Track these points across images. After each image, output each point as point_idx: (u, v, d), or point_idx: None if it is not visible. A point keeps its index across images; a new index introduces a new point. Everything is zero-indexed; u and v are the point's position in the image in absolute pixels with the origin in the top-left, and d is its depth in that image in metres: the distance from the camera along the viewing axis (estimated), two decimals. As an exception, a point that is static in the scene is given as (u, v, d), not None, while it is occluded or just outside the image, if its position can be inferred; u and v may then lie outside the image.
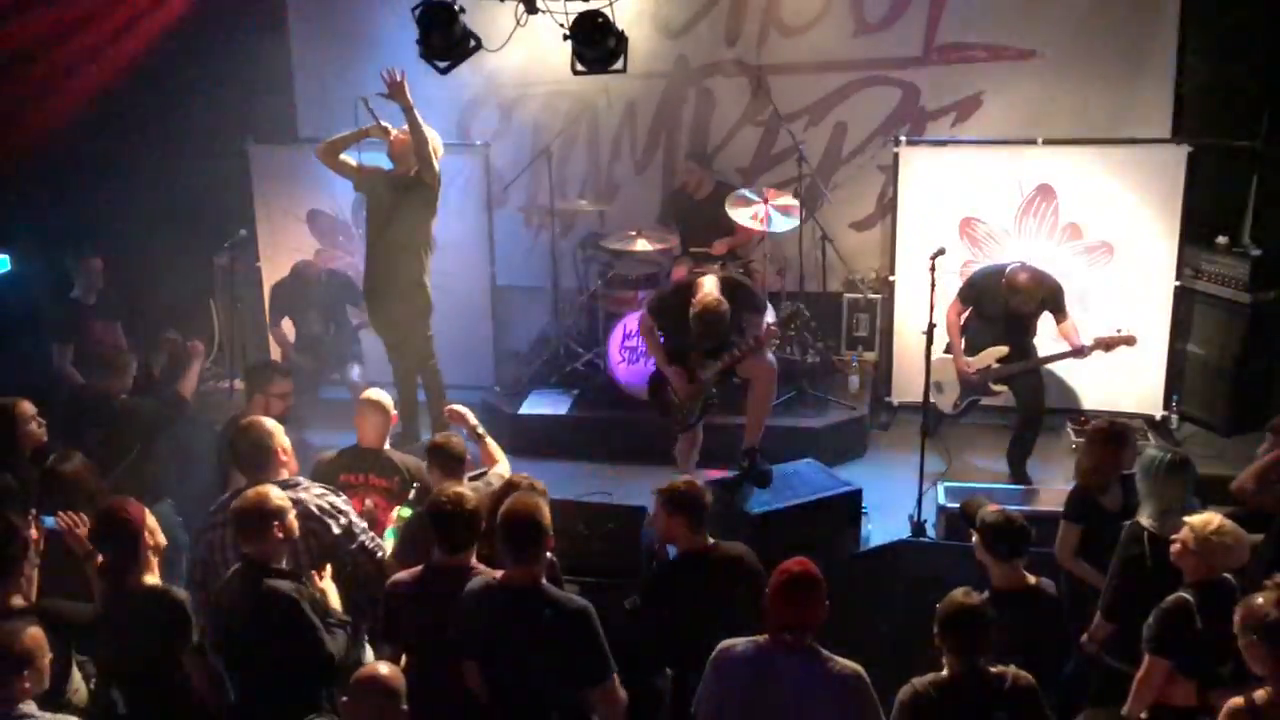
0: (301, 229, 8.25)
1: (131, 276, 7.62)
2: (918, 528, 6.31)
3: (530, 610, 3.93)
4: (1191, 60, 7.47)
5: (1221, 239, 7.41)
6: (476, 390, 8.05)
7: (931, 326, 6.43)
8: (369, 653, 4.65)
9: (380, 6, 7.96)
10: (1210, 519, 4.21)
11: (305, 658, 4.08)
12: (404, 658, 4.20)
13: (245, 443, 4.69)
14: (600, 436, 7.41)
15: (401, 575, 4.32)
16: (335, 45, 8.38)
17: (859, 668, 3.84)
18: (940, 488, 6.35)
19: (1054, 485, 6.49)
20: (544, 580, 4.05)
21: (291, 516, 4.24)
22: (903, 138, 7.73)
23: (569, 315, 8.29)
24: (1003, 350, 6.83)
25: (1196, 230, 7.37)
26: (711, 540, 4.62)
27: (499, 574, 4.06)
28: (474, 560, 4.25)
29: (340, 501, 4.72)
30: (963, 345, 6.97)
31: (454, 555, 4.20)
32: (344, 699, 3.70)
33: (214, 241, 8.19)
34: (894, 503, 6.67)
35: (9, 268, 7.27)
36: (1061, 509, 5.28)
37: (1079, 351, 6.68)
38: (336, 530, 4.59)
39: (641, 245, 7.75)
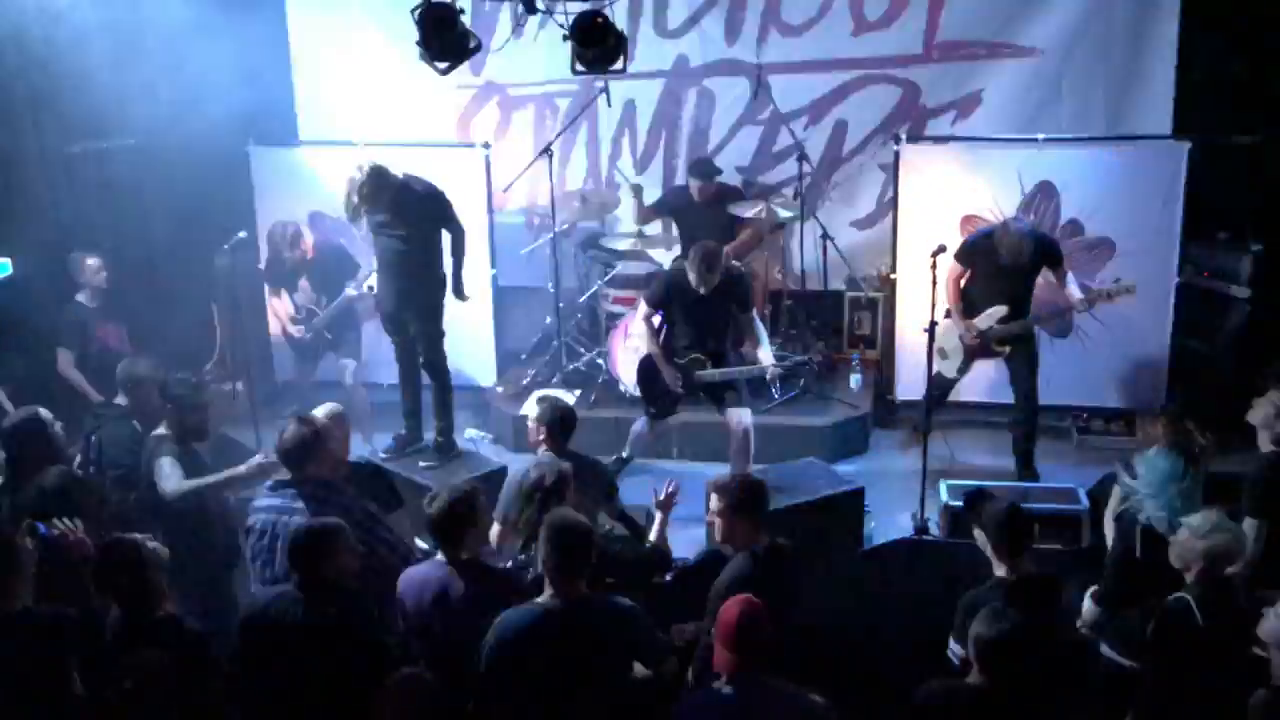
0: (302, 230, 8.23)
1: (133, 278, 7.61)
2: (920, 526, 6.31)
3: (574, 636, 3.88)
4: (1192, 56, 7.46)
5: (1223, 235, 7.41)
6: (478, 391, 8.06)
7: (933, 324, 6.43)
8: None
9: (380, 7, 7.97)
10: (1207, 518, 4.20)
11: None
12: None
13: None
14: (602, 436, 7.40)
15: None
16: (336, 46, 8.38)
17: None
18: (943, 486, 6.34)
19: (1059, 483, 6.49)
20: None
21: None
22: (903, 136, 7.73)
23: (570, 315, 8.29)
24: (1002, 310, 6.80)
25: (1198, 226, 7.36)
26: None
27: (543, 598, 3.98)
28: None
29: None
30: (962, 307, 6.93)
31: None
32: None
33: (215, 243, 8.18)
34: (896, 501, 6.68)
35: (10, 271, 7.26)
36: (1064, 506, 5.29)
37: (1078, 304, 6.70)
38: None
39: (642, 245, 7.77)
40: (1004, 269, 6.70)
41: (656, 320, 6.66)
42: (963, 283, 6.94)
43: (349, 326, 7.63)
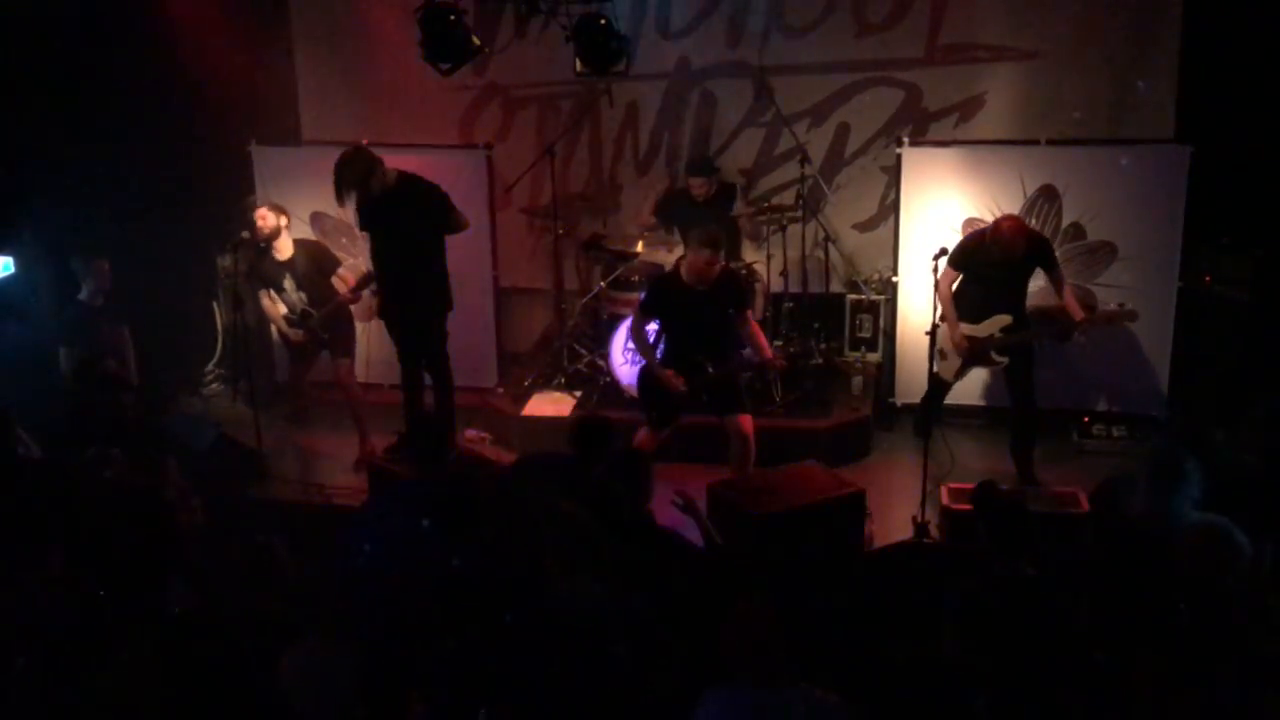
0: (305, 231, 8.25)
1: (135, 278, 7.63)
2: (921, 529, 6.31)
3: None
4: (1194, 59, 7.45)
5: (1225, 239, 7.40)
6: (480, 392, 8.06)
7: (934, 327, 6.42)
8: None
9: (383, 8, 7.98)
10: (1204, 522, 4.21)
11: None
12: None
13: None
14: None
15: None
16: (339, 47, 8.40)
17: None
18: (944, 489, 6.34)
19: (1059, 487, 6.47)
20: None
21: None
22: (905, 138, 7.73)
23: (572, 317, 8.30)
24: (1006, 319, 6.76)
25: (1200, 231, 7.35)
26: None
27: None
28: None
29: None
30: (955, 314, 6.84)
31: None
32: None
33: (217, 243, 8.20)
34: (897, 504, 6.68)
35: (12, 270, 7.28)
36: (1064, 510, 5.26)
37: (1081, 323, 6.64)
38: None
39: (644, 246, 7.77)
40: (997, 270, 6.66)
41: (652, 329, 6.59)
42: (955, 286, 6.92)
43: (343, 325, 7.60)
